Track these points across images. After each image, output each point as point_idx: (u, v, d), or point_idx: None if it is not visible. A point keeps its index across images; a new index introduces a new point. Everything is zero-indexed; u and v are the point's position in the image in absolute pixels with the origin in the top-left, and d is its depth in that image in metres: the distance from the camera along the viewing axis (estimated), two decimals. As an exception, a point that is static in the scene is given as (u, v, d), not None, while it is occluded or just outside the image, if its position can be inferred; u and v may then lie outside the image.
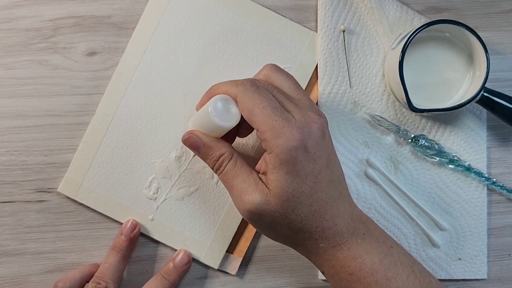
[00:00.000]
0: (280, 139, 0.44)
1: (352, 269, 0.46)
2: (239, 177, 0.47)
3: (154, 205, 0.56)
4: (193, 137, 0.49)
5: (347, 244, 0.47)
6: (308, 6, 0.57)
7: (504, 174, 0.59)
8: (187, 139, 0.49)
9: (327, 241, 0.47)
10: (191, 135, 0.49)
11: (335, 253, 0.47)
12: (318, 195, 0.46)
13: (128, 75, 0.56)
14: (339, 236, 0.47)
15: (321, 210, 0.46)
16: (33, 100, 0.56)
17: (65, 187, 0.56)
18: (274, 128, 0.44)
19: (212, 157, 0.48)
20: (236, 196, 0.47)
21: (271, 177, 0.45)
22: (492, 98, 0.54)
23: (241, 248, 0.57)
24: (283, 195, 0.45)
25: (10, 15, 0.56)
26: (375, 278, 0.46)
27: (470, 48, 0.54)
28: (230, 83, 0.48)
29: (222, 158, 0.48)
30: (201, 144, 0.49)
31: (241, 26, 0.56)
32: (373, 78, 0.57)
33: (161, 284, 0.54)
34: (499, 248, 0.59)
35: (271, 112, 0.45)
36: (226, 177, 0.48)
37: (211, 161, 0.49)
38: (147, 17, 0.56)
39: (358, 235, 0.47)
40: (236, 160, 0.48)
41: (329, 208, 0.46)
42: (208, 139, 0.49)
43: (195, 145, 0.49)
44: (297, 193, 0.45)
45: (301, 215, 0.46)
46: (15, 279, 0.56)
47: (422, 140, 0.57)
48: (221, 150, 0.48)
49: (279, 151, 0.44)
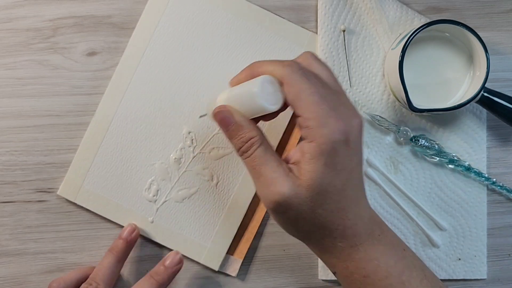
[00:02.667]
0: (325, 128, 0.42)
1: (367, 271, 0.45)
2: (268, 166, 0.44)
3: (154, 207, 0.56)
4: (225, 112, 0.45)
5: (364, 245, 0.45)
6: (308, 6, 0.57)
7: (504, 174, 0.59)
8: (219, 113, 0.46)
9: (345, 241, 0.45)
10: (224, 109, 0.46)
11: (352, 253, 0.45)
12: (347, 192, 0.44)
13: (128, 75, 0.56)
14: (358, 236, 0.45)
15: (346, 208, 0.44)
16: (33, 100, 0.56)
17: (64, 190, 0.56)
18: (320, 116, 0.42)
19: (241, 137, 0.45)
20: (263, 185, 0.44)
21: (307, 167, 0.43)
22: (492, 98, 0.54)
23: (241, 250, 0.57)
24: (316, 187, 0.43)
25: (10, 15, 0.55)
26: (389, 281, 0.45)
27: (470, 48, 0.54)
28: (275, 62, 0.45)
29: (252, 140, 0.45)
30: (232, 122, 0.45)
31: (240, 27, 0.56)
32: (373, 78, 0.57)
33: (150, 284, 0.52)
34: (498, 248, 0.59)
35: (319, 100, 0.42)
36: (253, 163, 0.44)
37: (239, 142, 0.45)
38: (146, 18, 0.56)
39: (374, 237, 0.46)
40: (266, 146, 0.45)
41: (354, 206, 0.45)
42: (241, 118, 0.45)
43: (225, 121, 0.45)
44: (329, 187, 0.43)
45: (327, 210, 0.44)
46: (15, 279, 0.56)
47: (422, 140, 0.57)
48: (252, 132, 0.45)
49: (322, 141, 0.42)
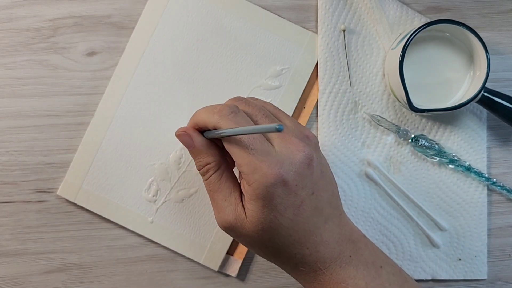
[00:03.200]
0: (256, 174, 0.42)
1: None
2: (220, 193, 0.45)
3: (154, 207, 0.56)
4: (185, 136, 0.47)
5: (330, 269, 0.45)
6: (308, 6, 0.57)
7: (504, 174, 0.59)
8: (179, 135, 0.47)
9: (307, 266, 0.45)
10: (184, 133, 0.47)
11: (317, 277, 0.45)
12: (300, 226, 0.44)
13: (128, 75, 0.56)
14: (321, 262, 0.45)
15: (302, 239, 0.44)
16: (32, 100, 0.56)
17: (64, 190, 0.56)
18: (251, 162, 0.42)
19: (199, 161, 0.47)
20: (215, 209, 0.46)
21: (248, 206, 0.44)
22: (492, 98, 0.54)
23: (241, 250, 0.57)
24: (259, 225, 0.43)
25: (10, 15, 0.55)
26: None
27: (470, 48, 0.54)
28: (209, 111, 0.45)
29: (207, 166, 0.46)
30: (192, 145, 0.47)
31: (240, 27, 0.56)
32: (373, 78, 0.57)
33: None
34: (499, 249, 0.59)
35: (248, 144, 0.42)
36: (208, 187, 0.47)
37: (197, 165, 0.47)
38: (146, 18, 0.56)
39: (343, 258, 0.45)
40: (221, 173, 0.46)
41: (311, 236, 0.44)
42: (200, 143, 0.46)
43: (186, 143, 0.47)
44: (274, 225, 0.43)
45: (278, 243, 0.44)
46: (15, 279, 0.56)
47: (422, 140, 0.57)
48: (208, 158, 0.46)
49: (255, 186, 0.42)
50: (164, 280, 0.57)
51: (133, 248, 0.57)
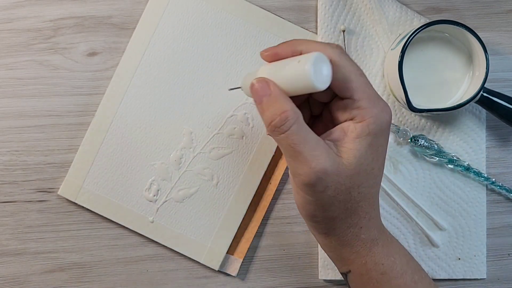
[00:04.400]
0: (375, 109, 0.42)
1: (385, 268, 0.45)
2: (307, 144, 0.41)
3: (154, 207, 0.56)
4: (263, 83, 0.42)
5: (381, 240, 0.45)
6: (308, 6, 0.57)
7: (503, 174, 0.59)
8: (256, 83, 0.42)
9: (368, 232, 0.45)
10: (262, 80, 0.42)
11: (372, 247, 0.45)
12: (379, 179, 0.44)
13: (128, 75, 0.56)
14: (378, 229, 0.45)
15: (375, 195, 0.44)
16: (33, 100, 0.56)
17: (65, 190, 0.56)
18: (371, 96, 0.42)
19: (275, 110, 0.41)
20: (302, 163, 0.41)
21: (351, 146, 0.42)
22: (492, 98, 0.54)
23: (241, 249, 0.57)
24: (356, 167, 0.42)
25: (11, 15, 0.56)
26: (404, 280, 0.45)
27: (470, 48, 0.54)
28: (320, 43, 0.43)
29: (285, 114, 0.40)
30: (268, 93, 0.41)
31: (239, 27, 0.56)
32: (373, 78, 0.57)
33: None
34: (498, 248, 0.59)
35: (368, 82, 0.43)
36: (289, 141, 0.41)
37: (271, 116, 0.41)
38: (146, 18, 0.56)
39: (387, 234, 0.46)
40: (302, 122, 0.41)
41: (377, 197, 0.45)
42: (278, 91, 0.41)
43: (260, 91, 0.42)
44: (368, 169, 0.42)
45: (362, 193, 0.43)
46: (15, 279, 0.57)
47: (421, 140, 0.57)
48: (286, 105, 0.41)
49: (372, 121, 0.42)
50: (165, 279, 0.57)
51: (133, 247, 0.57)
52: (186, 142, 0.56)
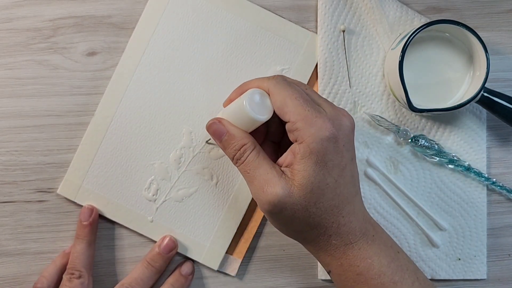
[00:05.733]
0: (312, 128, 0.44)
1: (361, 269, 0.46)
2: (261, 168, 0.46)
3: (154, 206, 0.56)
4: (218, 124, 0.48)
5: (358, 243, 0.47)
6: (308, 6, 0.57)
7: (503, 174, 0.59)
8: (211, 125, 0.49)
9: (340, 238, 0.46)
10: (216, 122, 0.48)
11: (346, 251, 0.47)
12: (341, 190, 0.46)
13: (128, 75, 0.56)
14: (352, 234, 0.47)
15: (340, 205, 0.46)
16: (33, 100, 0.56)
17: (64, 189, 0.56)
18: (307, 117, 0.44)
19: (234, 146, 0.47)
20: (258, 187, 0.46)
21: (299, 167, 0.45)
22: (492, 98, 0.54)
23: (240, 249, 0.57)
24: (308, 186, 0.45)
25: (10, 15, 0.56)
26: (382, 280, 0.46)
27: (470, 48, 0.54)
28: (261, 78, 0.48)
29: (244, 147, 0.47)
30: (225, 132, 0.48)
31: (240, 27, 0.56)
32: (373, 78, 0.57)
33: (147, 271, 0.54)
34: (498, 248, 0.59)
35: (303, 103, 0.45)
36: (247, 168, 0.47)
37: (232, 150, 0.48)
38: (146, 18, 0.56)
39: (368, 236, 0.47)
40: (258, 151, 0.47)
41: (347, 204, 0.46)
42: (233, 128, 0.48)
43: (218, 132, 0.48)
44: (322, 185, 0.45)
45: (321, 208, 0.45)
46: (15, 279, 0.57)
47: (422, 140, 0.57)
48: (243, 140, 0.47)
49: (310, 141, 0.44)
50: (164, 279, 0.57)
51: (133, 247, 0.57)
52: (186, 142, 0.56)
